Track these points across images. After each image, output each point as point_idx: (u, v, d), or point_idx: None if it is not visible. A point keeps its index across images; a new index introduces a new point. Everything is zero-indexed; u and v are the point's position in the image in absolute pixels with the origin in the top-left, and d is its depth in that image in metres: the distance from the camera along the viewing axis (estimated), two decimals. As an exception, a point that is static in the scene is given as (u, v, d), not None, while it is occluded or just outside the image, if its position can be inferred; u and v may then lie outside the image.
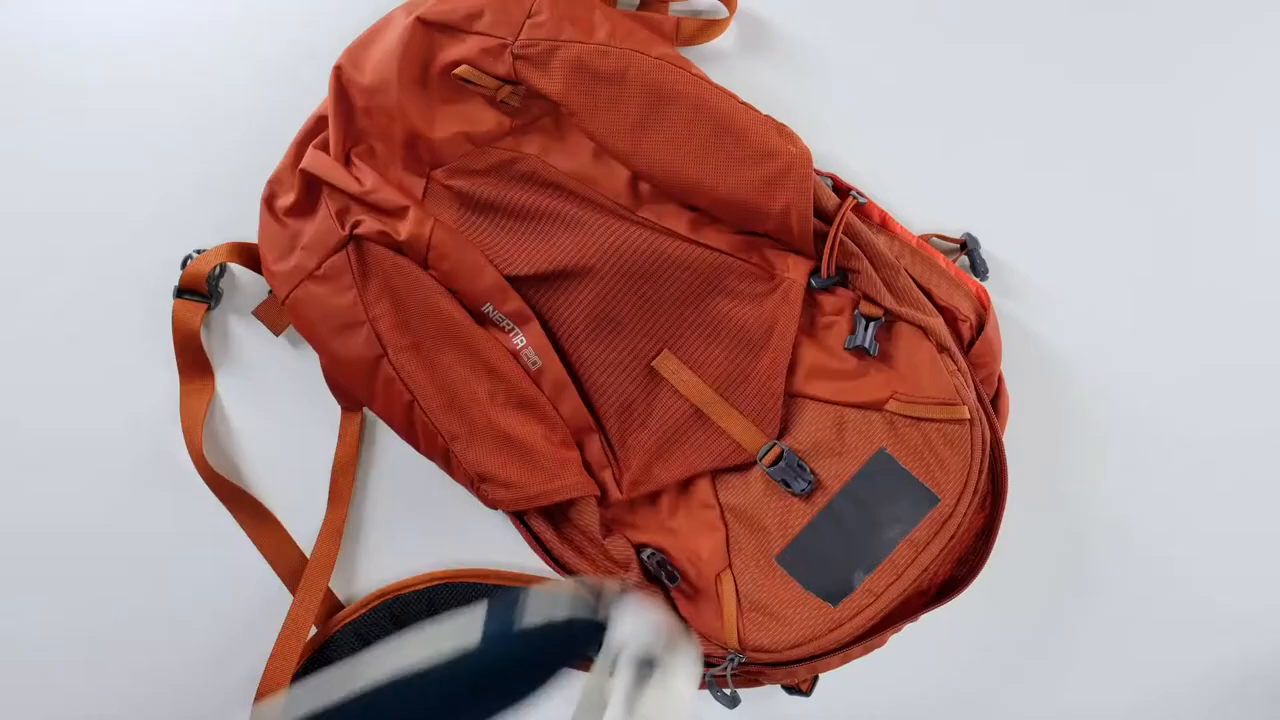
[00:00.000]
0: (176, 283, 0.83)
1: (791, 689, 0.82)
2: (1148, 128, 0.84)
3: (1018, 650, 0.86)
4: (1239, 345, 0.84)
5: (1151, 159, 0.84)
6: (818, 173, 0.79)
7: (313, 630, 0.85)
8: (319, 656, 0.86)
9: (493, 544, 0.86)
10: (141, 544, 0.88)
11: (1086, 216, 0.84)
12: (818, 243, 0.78)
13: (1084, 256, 0.84)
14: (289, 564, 0.86)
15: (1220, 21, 0.84)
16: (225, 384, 0.87)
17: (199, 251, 0.84)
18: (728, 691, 0.78)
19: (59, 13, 0.87)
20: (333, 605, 0.87)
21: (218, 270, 0.85)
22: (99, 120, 0.87)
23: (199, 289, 0.83)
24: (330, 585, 0.86)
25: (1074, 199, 0.85)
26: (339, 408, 0.86)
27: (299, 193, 0.79)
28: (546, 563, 0.81)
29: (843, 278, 0.78)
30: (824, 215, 0.78)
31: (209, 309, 0.85)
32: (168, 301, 0.84)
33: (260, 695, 0.83)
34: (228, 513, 0.86)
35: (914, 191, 0.84)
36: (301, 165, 0.78)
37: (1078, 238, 0.84)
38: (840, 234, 0.77)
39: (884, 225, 0.80)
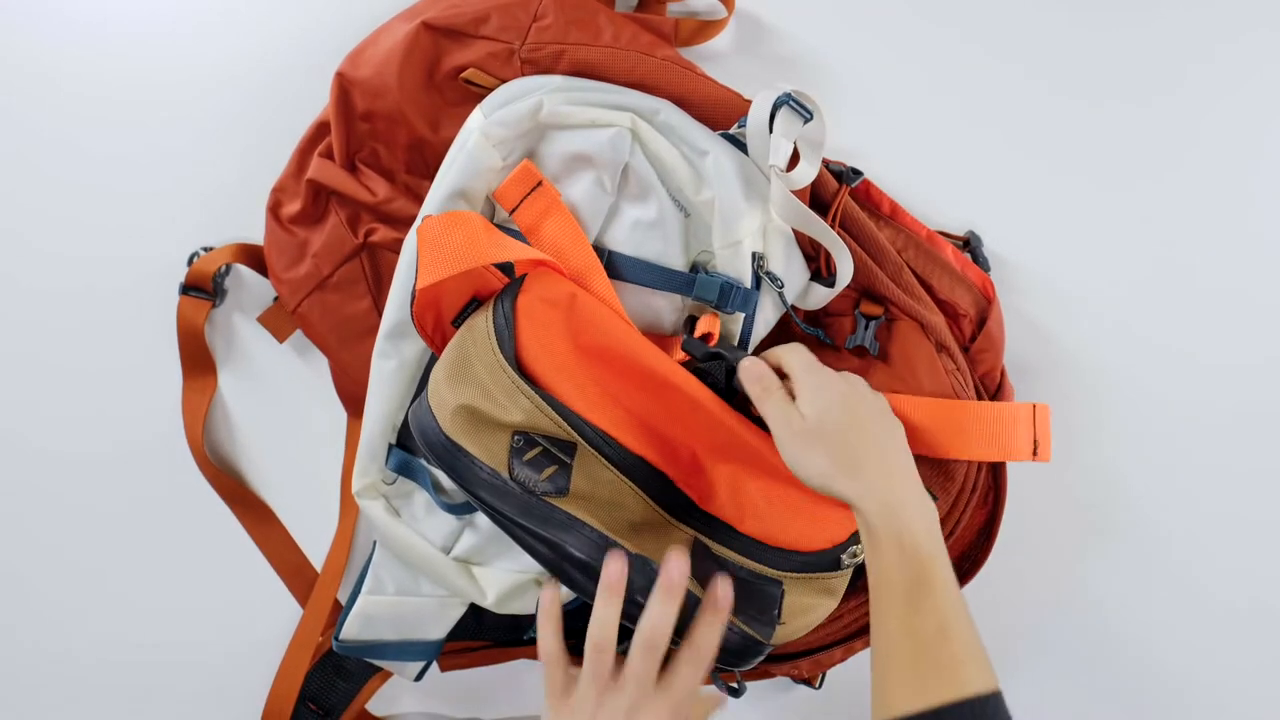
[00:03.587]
0: (182, 279, 0.84)
1: (800, 679, 0.83)
2: (1152, 125, 0.85)
3: (1020, 644, 0.87)
4: (1242, 339, 0.85)
5: (1154, 155, 0.85)
6: (828, 162, 0.79)
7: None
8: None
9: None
10: (140, 541, 0.88)
11: (1089, 212, 0.85)
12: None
13: (1087, 252, 0.85)
14: (287, 561, 0.87)
15: (1225, 25, 0.85)
16: (228, 383, 0.88)
17: (206, 249, 0.84)
18: (734, 685, 0.79)
19: (68, 11, 0.86)
20: (339, 613, 0.87)
21: (223, 269, 0.85)
22: (107, 118, 0.87)
23: (204, 287, 0.84)
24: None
25: (1076, 195, 0.85)
26: (342, 408, 0.86)
27: (305, 201, 0.79)
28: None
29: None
30: (824, 203, 0.78)
31: (213, 307, 0.85)
32: (173, 298, 0.84)
33: (270, 705, 0.84)
34: (228, 514, 0.87)
35: (917, 189, 0.84)
36: (309, 175, 0.78)
37: (1080, 234, 0.85)
38: (837, 226, 0.77)
39: (894, 216, 0.80)
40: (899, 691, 0.61)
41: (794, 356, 0.70)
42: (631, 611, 0.66)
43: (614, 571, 0.65)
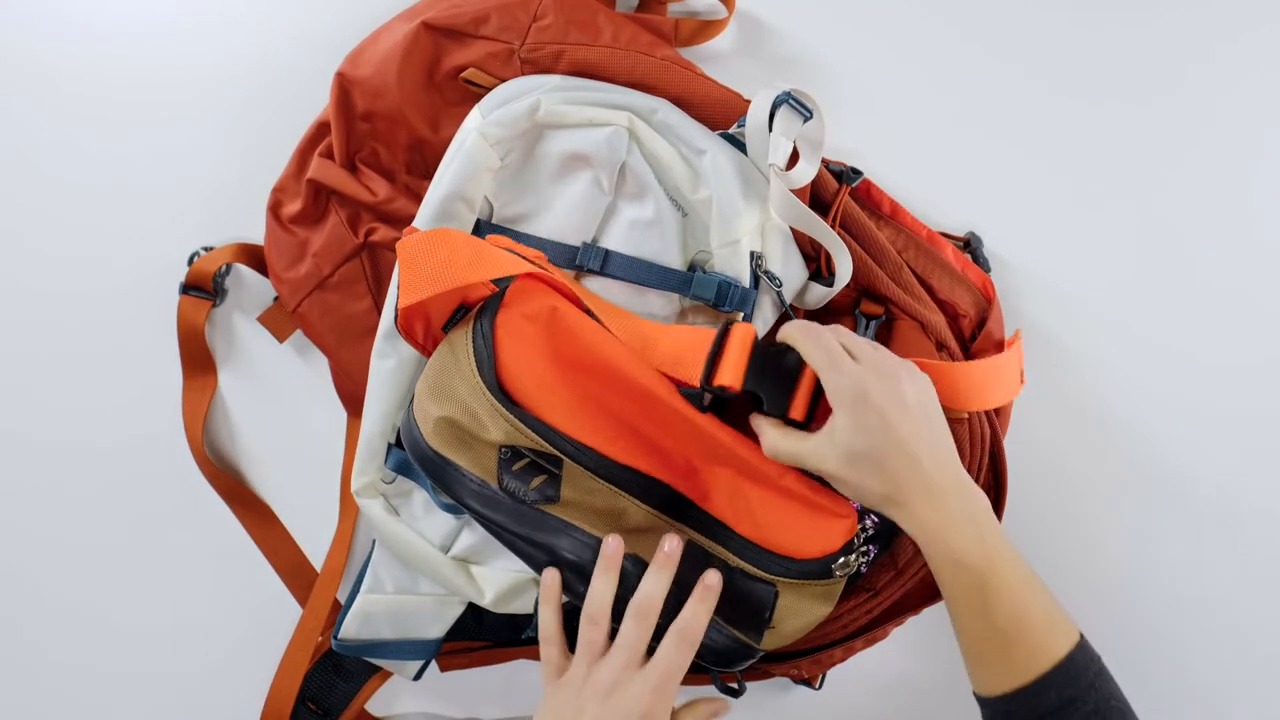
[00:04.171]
0: (182, 279, 0.84)
1: (800, 680, 0.83)
2: (1152, 125, 0.85)
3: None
4: (1242, 339, 0.85)
5: (1154, 156, 0.85)
6: (828, 162, 0.79)
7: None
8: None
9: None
10: (140, 540, 0.88)
11: (1089, 212, 0.85)
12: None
13: (1087, 252, 0.85)
14: (287, 561, 0.87)
15: (1225, 25, 0.85)
16: (228, 383, 0.88)
17: (206, 249, 0.84)
18: (735, 685, 0.79)
19: (68, 12, 0.87)
20: (338, 612, 0.87)
21: (223, 269, 0.85)
22: (107, 118, 0.87)
23: (204, 286, 0.84)
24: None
25: (1077, 195, 0.85)
26: (342, 408, 0.86)
27: (305, 201, 0.79)
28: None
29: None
30: (824, 203, 0.78)
31: (214, 306, 0.85)
32: (173, 298, 0.84)
33: (270, 705, 0.84)
34: (228, 513, 0.87)
35: (917, 189, 0.84)
36: (310, 175, 0.78)
37: (1080, 234, 0.85)
38: (837, 226, 0.77)
39: (894, 216, 0.80)
40: (998, 675, 0.64)
41: (817, 353, 0.66)
42: (622, 612, 0.67)
43: (612, 546, 0.66)
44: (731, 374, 0.68)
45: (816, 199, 0.78)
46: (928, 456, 0.64)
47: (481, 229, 0.75)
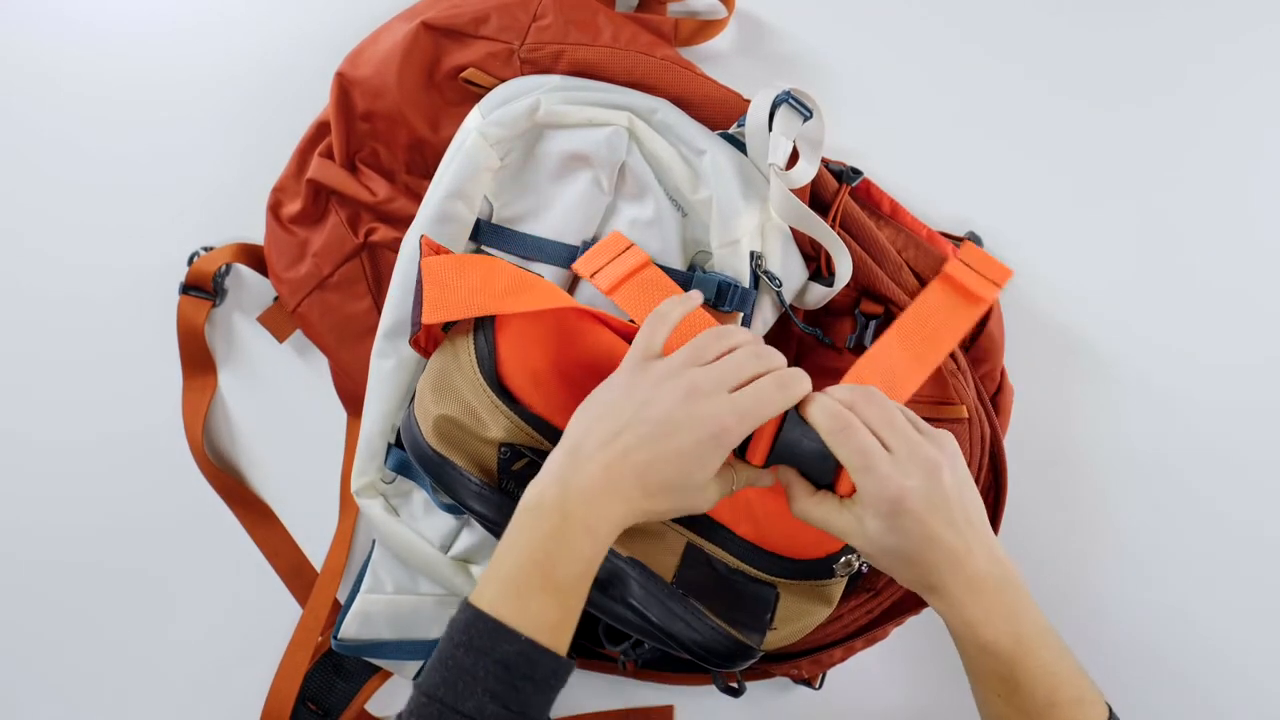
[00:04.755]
0: (182, 279, 0.84)
1: (800, 679, 0.83)
2: (1152, 125, 0.85)
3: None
4: (1242, 339, 0.85)
5: (1154, 155, 0.85)
6: (828, 161, 0.79)
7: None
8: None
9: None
10: (140, 540, 0.88)
11: (1089, 212, 0.85)
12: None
13: (1087, 252, 0.85)
14: (287, 560, 0.87)
15: (1225, 25, 0.85)
16: (228, 383, 0.88)
17: (206, 249, 0.84)
18: (735, 685, 0.79)
19: (68, 12, 0.87)
20: (338, 612, 0.87)
21: (223, 269, 0.85)
22: (107, 118, 0.87)
23: (204, 286, 0.84)
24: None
25: (1076, 195, 0.85)
26: (342, 408, 0.86)
27: (305, 201, 0.80)
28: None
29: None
30: (824, 203, 0.78)
31: (213, 306, 0.86)
32: (173, 298, 0.85)
33: (270, 705, 0.84)
34: (228, 513, 0.87)
35: (917, 189, 0.84)
36: (310, 175, 0.79)
37: (1080, 233, 0.85)
38: (837, 226, 0.77)
39: (894, 216, 0.80)
40: None
41: (846, 453, 0.59)
42: (624, 615, 0.66)
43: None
44: (758, 458, 0.63)
45: (816, 199, 0.78)
46: (964, 545, 0.59)
47: (481, 229, 0.75)
